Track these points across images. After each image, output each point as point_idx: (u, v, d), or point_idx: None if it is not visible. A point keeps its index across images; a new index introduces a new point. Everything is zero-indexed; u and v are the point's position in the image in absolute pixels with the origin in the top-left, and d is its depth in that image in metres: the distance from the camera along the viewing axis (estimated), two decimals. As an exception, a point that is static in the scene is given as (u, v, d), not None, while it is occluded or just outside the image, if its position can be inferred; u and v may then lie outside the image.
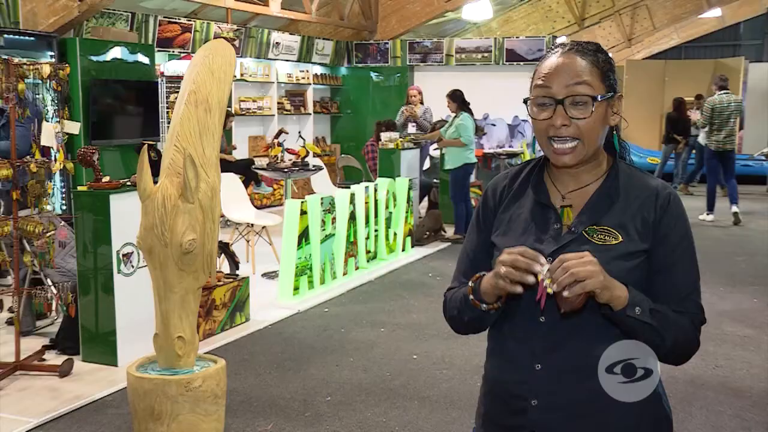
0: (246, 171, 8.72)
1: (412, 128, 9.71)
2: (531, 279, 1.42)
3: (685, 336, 1.55)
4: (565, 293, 1.39)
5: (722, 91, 10.20)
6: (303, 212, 6.08)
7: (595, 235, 1.54)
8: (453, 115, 8.65)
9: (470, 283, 1.59)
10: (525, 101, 1.60)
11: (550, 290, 1.41)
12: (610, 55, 1.61)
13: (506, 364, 1.61)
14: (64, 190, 7.03)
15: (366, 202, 7.18)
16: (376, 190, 7.37)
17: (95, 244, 4.50)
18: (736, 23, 23.61)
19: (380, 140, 8.81)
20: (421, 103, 9.88)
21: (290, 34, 11.66)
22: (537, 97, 1.56)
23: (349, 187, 7.22)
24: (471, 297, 1.57)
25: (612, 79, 1.57)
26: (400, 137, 8.88)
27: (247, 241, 7.16)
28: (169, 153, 3.01)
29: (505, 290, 1.47)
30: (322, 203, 6.37)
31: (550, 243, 1.55)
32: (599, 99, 1.52)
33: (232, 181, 7.29)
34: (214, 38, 9.62)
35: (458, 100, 8.55)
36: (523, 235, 1.59)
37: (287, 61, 11.70)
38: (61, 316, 4.94)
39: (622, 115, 1.63)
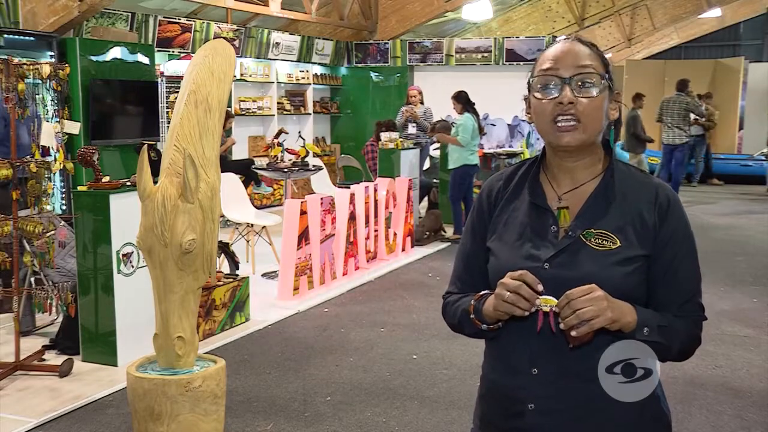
0: (246, 171, 8.71)
1: (412, 128, 9.70)
2: (534, 304, 1.44)
3: (690, 340, 1.56)
4: (573, 333, 1.41)
5: (677, 92, 11.48)
6: (303, 212, 6.08)
7: (592, 239, 1.52)
8: (458, 115, 8.72)
9: (473, 302, 1.59)
10: (528, 82, 1.58)
11: (562, 325, 1.42)
12: (610, 55, 1.62)
13: (503, 367, 1.61)
14: (64, 190, 7.03)
15: (366, 202, 7.18)
16: (376, 190, 7.37)
17: (95, 244, 4.50)
18: (736, 23, 23.60)
19: (380, 140, 8.81)
20: (422, 103, 9.87)
21: (290, 34, 11.65)
22: (543, 77, 1.55)
23: (349, 187, 7.22)
24: (472, 316, 1.58)
25: (610, 76, 1.58)
26: (400, 137, 8.89)
27: (247, 241, 7.16)
28: (169, 153, 3.01)
29: (507, 315, 1.49)
30: (322, 203, 6.37)
31: (547, 248, 1.54)
32: (606, 78, 1.54)
33: (232, 181, 7.29)
34: (214, 38, 9.62)
35: (462, 101, 8.64)
36: (519, 241, 1.58)
37: (287, 61, 11.69)
38: (61, 316, 4.94)
39: (622, 106, 1.64)
